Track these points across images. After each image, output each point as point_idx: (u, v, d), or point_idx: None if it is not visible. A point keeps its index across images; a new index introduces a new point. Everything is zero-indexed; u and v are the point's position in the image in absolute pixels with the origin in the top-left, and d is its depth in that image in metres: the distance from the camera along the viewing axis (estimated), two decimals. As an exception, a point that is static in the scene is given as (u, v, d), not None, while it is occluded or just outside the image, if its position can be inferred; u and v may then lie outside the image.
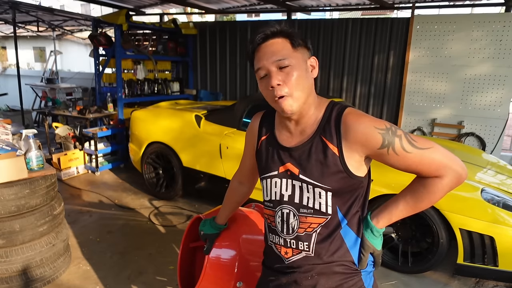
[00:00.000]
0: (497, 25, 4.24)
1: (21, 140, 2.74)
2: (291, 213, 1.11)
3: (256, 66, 1.07)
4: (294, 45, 1.04)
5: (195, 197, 4.23)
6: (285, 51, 1.03)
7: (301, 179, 1.08)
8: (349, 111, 1.05)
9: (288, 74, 1.02)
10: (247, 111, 3.65)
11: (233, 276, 1.45)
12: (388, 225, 1.12)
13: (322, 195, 1.05)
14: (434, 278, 2.87)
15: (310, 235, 1.08)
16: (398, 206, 1.08)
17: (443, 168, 0.99)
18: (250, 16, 16.41)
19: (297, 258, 1.11)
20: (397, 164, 1.02)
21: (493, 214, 2.52)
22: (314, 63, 1.09)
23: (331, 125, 1.05)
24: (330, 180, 1.04)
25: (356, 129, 1.01)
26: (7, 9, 6.51)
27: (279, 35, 1.04)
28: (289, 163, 1.10)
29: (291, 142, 1.12)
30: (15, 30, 6.79)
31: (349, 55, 5.17)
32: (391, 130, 1.00)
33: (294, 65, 1.02)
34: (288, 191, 1.11)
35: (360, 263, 1.10)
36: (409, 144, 0.99)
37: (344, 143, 1.03)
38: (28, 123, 7.15)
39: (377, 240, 1.11)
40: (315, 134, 1.07)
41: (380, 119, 1.04)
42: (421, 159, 0.99)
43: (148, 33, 6.26)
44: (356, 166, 1.05)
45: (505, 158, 5.36)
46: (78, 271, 2.79)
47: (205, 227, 1.48)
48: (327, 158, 1.04)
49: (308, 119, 1.09)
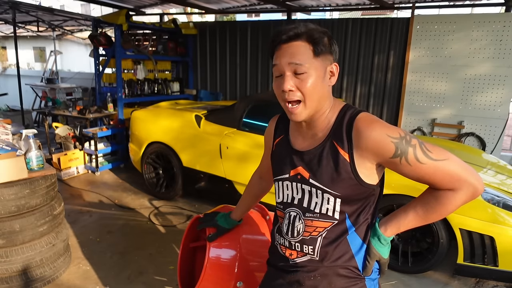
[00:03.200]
0: (497, 25, 4.24)
1: (21, 140, 2.74)
2: (297, 216, 1.10)
3: (274, 62, 1.04)
4: (316, 52, 0.99)
5: (195, 197, 4.23)
6: (305, 57, 0.98)
7: (311, 183, 1.06)
8: (362, 116, 1.01)
9: (302, 81, 0.99)
10: (247, 111, 3.65)
11: (233, 276, 1.45)
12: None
13: (331, 201, 1.04)
14: (434, 278, 2.87)
15: (316, 239, 1.08)
16: (407, 216, 1.04)
17: (458, 181, 0.94)
18: (250, 16, 16.41)
19: (301, 260, 1.11)
20: (409, 174, 0.98)
21: (493, 214, 2.52)
22: (334, 70, 1.04)
23: (343, 130, 1.02)
24: (340, 187, 1.02)
25: (367, 136, 0.97)
26: (7, 9, 6.51)
27: (304, 38, 0.99)
28: (300, 167, 1.09)
29: (303, 145, 1.11)
30: (15, 30, 6.79)
31: (349, 55, 5.17)
32: (405, 139, 0.96)
33: (310, 73, 0.98)
34: (298, 195, 1.11)
35: (365, 270, 1.08)
36: (423, 155, 0.95)
37: (355, 150, 1.00)
38: (28, 123, 7.15)
39: (384, 248, 1.09)
40: (327, 139, 1.05)
41: (394, 126, 0.99)
42: (435, 170, 0.95)
43: (148, 33, 6.26)
44: (368, 173, 1.02)
45: (505, 158, 5.36)
46: (78, 271, 2.79)
47: (220, 220, 1.49)
48: (338, 164, 1.01)
49: (320, 123, 1.06)
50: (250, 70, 5.93)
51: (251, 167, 3.38)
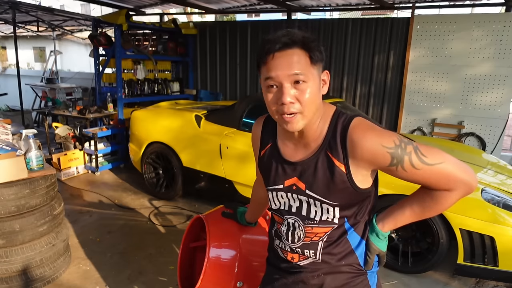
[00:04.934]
0: (497, 25, 4.24)
1: (21, 140, 2.74)
2: (296, 223, 1.10)
3: (266, 74, 0.96)
4: (313, 60, 0.95)
5: (195, 197, 4.23)
6: (303, 65, 0.93)
7: (308, 194, 1.05)
8: (355, 124, 0.99)
9: (302, 91, 0.94)
10: (247, 111, 3.65)
11: (233, 276, 1.45)
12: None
13: (330, 210, 1.05)
14: (434, 278, 2.87)
15: (317, 243, 1.09)
16: (404, 213, 1.06)
17: (454, 182, 0.95)
18: (250, 16, 16.40)
19: (303, 263, 1.12)
20: (405, 178, 0.98)
21: (493, 214, 2.52)
22: (326, 78, 1.01)
23: (337, 140, 1.00)
24: (337, 197, 1.02)
25: (362, 146, 0.96)
26: (7, 9, 6.50)
27: (299, 45, 0.93)
28: (295, 178, 1.07)
29: (295, 155, 1.08)
30: (15, 30, 6.78)
31: (349, 55, 5.16)
32: (400, 148, 0.94)
33: (309, 82, 0.94)
34: (296, 203, 1.10)
35: (366, 265, 1.10)
36: (418, 161, 0.94)
37: (351, 160, 0.99)
38: (28, 123, 7.15)
39: (382, 243, 1.10)
40: (321, 149, 1.02)
41: (389, 132, 0.98)
42: (431, 174, 0.95)
43: (148, 33, 6.26)
44: (363, 179, 1.02)
45: (505, 158, 5.36)
46: (78, 271, 2.79)
47: (239, 213, 1.52)
48: (334, 176, 1.00)
49: (313, 133, 1.03)
50: (250, 70, 5.93)
51: (251, 167, 3.38)
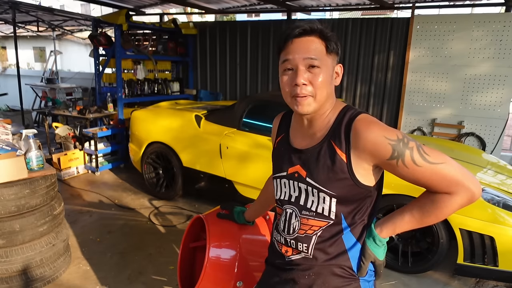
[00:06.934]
0: (497, 25, 4.24)
1: (21, 140, 2.74)
2: (293, 214, 1.12)
3: (284, 57, 1.03)
4: (328, 49, 1.02)
5: (195, 197, 4.23)
6: (318, 52, 1.01)
7: (308, 182, 1.07)
8: (361, 117, 1.02)
9: (315, 75, 1.00)
10: (247, 111, 3.65)
11: (233, 276, 1.45)
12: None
13: (326, 200, 1.05)
14: (434, 278, 2.87)
15: (310, 237, 1.08)
16: (403, 218, 1.04)
17: (455, 185, 0.95)
18: (250, 16, 16.41)
19: (296, 258, 1.12)
20: (406, 176, 0.99)
21: (493, 214, 2.52)
22: (339, 71, 1.08)
23: (341, 130, 1.03)
24: (336, 186, 1.03)
25: (365, 137, 0.98)
26: (7, 9, 6.51)
27: (318, 34, 1.02)
28: (298, 165, 1.10)
29: (302, 144, 1.12)
30: (15, 30, 6.78)
31: (349, 55, 5.16)
32: (402, 142, 0.96)
33: (323, 68, 1.01)
34: (295, 193, 1.11)
35: (360, 270, 1.08)
36: (420, 157, 0.95)
37: (352, 150, 1.01)
38: (28, 123, 7.15)
39: (379, 249, 1.08)
40: (325, 138, 1.06)
41: (393, 128, 0.99)
42: (432, 173, 0.95)
43: (148, 33, 6.26)
44: (364, 174, 1.02)
45: (505, 158, 5.36)
46: (78, 271, 2.79)
47: (236, 211, 1.54)
48: (334, 164, 1.02)
49: (321, 122, 1.07)
50: (250, 70, 5.93)
51: (251, 167, 3.38)
